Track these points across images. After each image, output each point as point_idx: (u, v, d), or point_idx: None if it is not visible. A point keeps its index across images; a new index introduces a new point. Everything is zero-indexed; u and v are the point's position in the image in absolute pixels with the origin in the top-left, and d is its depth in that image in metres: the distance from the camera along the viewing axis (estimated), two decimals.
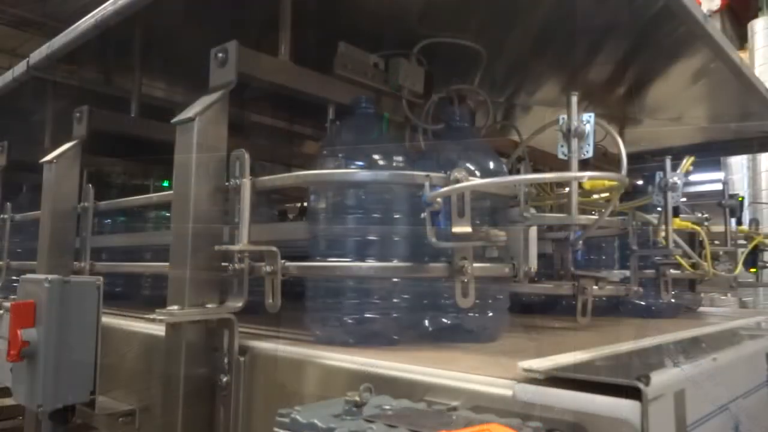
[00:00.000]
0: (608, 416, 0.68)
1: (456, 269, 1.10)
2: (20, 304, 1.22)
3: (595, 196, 1.63)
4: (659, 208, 1.67)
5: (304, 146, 2.95)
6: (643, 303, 1.84)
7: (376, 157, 1.22)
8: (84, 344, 1.22)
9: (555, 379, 0.76)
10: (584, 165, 1.28)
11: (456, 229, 1.05)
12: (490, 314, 1.27)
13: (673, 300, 1.82)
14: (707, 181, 8.16)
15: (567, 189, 1.38)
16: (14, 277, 1.88)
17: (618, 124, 2.49)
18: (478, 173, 1.23)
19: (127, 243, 1.98)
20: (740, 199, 2.37)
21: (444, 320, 1.23)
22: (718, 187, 2.45)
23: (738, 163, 8.00)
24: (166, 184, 2.39)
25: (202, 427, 1.15)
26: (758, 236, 2.44)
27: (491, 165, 1.35)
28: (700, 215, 1.97)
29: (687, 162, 1.73)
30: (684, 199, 1.80)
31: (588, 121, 1.26)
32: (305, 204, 2.66)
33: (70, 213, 1.75)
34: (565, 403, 0.72)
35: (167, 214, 2.03)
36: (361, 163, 1.20)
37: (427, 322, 1.20)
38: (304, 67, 1.42)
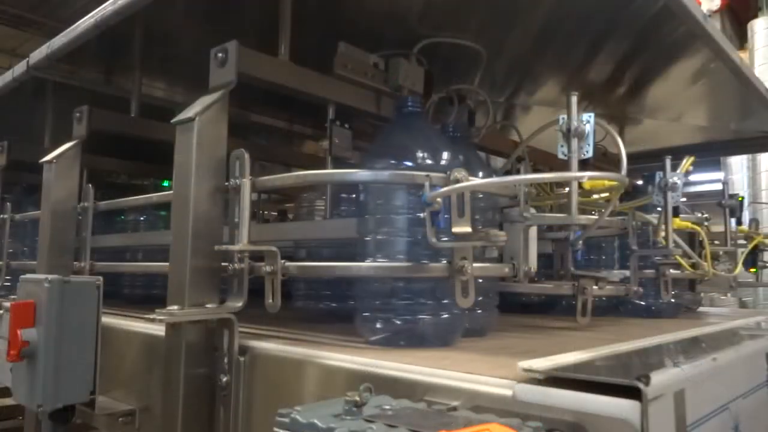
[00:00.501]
0: (608, 416, 0.68)
1: (456, 269, 1.10)
2: (20, 304, 1.22)
3: (595, 196, 1.63)
4: (659, 208, 1.67)
5: (304, 146, 2.96)
6: (643, 303, 1.84)
7: (421, 155, 1.19)
8: (84, 344, 1.22)
9: (555, 379, 0.76)
10: (584, 165, 1.28)
11: (456, 229, 1.05)
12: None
13: (672, 300, 1.82)
14: (707, 181, 8.18)
15: (567, 189, 1.38)
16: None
17: (618, 124, 2.49)
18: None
19: (127, 243, 1.98)
20: (740, 199, 2.37)
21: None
22: (718, 187, 2.45)
23: (738, 163, 8.01)
24: (165, 184, 2.40)
25: (202, 427, 1.15)
26: (758, 236, 2.44)
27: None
28: (700, 215, 1.97)
29: (687, 162, 1.73)
30: (684, 199, 1.80)
31: (588, 121, 1.26)
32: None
33: (70, 213, 1.75)
34: (565, 403, 0.72)
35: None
36: (409, 163, 1.18)
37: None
38: (304, 67, 1.42)
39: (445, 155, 1.21)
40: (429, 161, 1.19)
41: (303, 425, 0.71)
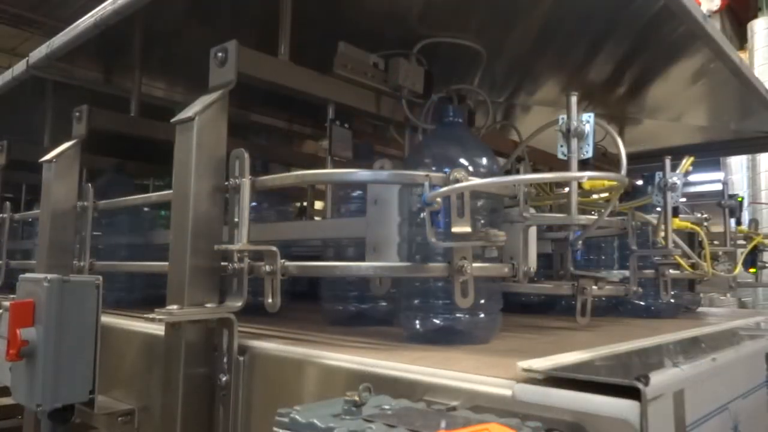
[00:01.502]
0: (607, 416, 0.68)
1: (455, 269, 1.10)
2: (19, 304, 1.22)
3: (595, 196, 1.63)
4: (659, 208, 1.67)
5: (304, 146, 2.96)
6: (642, 303, 1.84)
7: (464, 163, 1.21)
8: (83, 343, 1.22)
9: (554, 379, 0.76)
10: (584, 165, 1.28)
11: (456, 229, 1.05)
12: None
13: (672, 300, 1.82)
14: (707, 181, 8.18)
15: (567, 189, 1.38)
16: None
17: (618, 124, 2.49)
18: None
19: (126, 243, 1.98)
20: (740, 199, 2.37)
21: None
22: (718, 187, 2.45)
23: (738, 163, 8.02)
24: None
25: (201, 426, 1.15)
26: (757, 236, 2.44)
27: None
28: (699, 215, 1.97)
29: (686, 162, 1.73)
30: (683, 199, 1.80)
31: (588, 121, 1.26)
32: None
33: (69, 212, 1.74)
34: (564, 403, 0.72)
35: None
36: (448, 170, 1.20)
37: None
38: (304, 67, 1.42)
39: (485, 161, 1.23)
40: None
41: (302, 425, 0.71)
